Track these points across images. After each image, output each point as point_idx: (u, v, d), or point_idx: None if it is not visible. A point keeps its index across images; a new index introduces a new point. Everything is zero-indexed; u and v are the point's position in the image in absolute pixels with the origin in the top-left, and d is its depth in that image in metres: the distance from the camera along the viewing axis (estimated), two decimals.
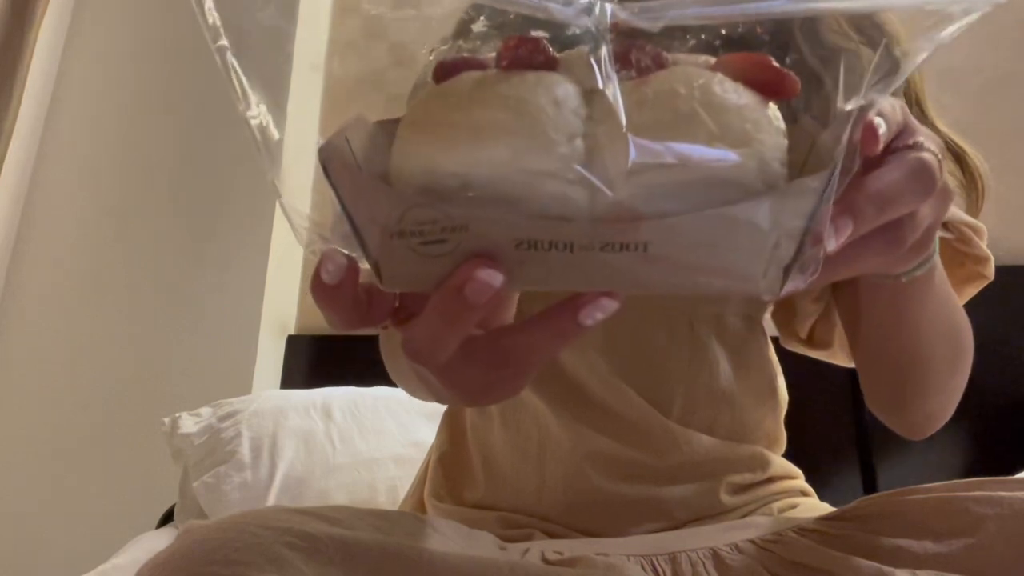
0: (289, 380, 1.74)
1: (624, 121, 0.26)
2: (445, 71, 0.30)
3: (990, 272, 0.65)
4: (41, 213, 1.86)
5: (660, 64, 0.28)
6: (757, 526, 0.60)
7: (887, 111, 0.32)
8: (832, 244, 0.29)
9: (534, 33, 0.28)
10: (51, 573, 1.52)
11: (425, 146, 0.27)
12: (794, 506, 0.68)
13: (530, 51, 0.28)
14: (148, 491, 1.47)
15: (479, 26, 0.31)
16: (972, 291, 0.67)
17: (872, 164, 0.32)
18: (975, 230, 0.63)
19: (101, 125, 1.91)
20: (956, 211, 0.63)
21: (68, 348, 1.73)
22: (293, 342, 1.80)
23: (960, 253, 0.64)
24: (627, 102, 0.26)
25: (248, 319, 1.68)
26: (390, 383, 1.53)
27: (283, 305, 1.81)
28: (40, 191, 1.87)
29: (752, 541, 0.57)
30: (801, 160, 0.29)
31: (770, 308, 0.74)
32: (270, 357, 1.73)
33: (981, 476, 0.53)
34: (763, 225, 0.26)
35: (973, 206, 0.65)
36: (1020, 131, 1.77)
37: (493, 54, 0.29)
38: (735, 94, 0.27)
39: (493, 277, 0.27)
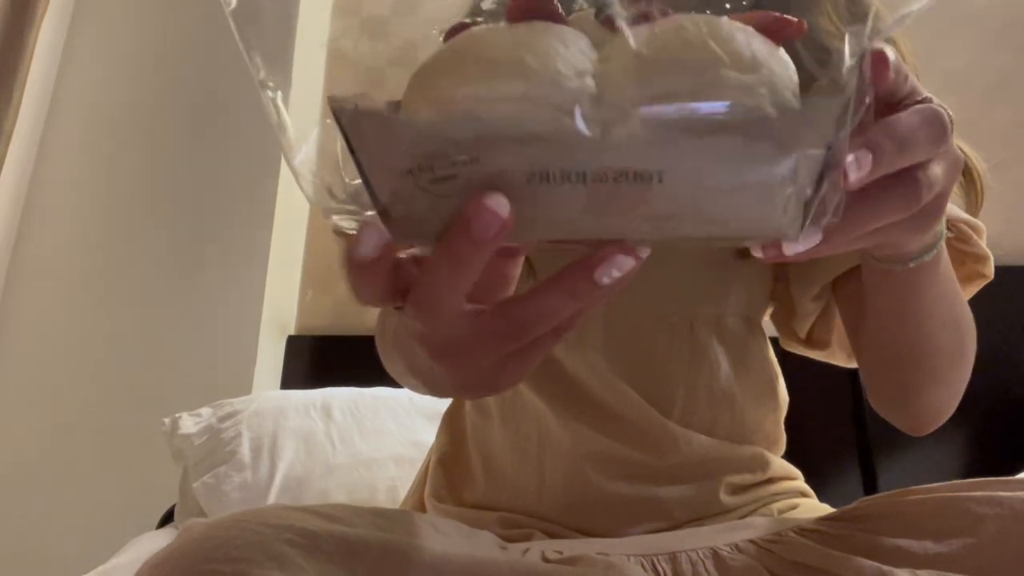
0: (289, 380, 1.74)
1: (634, 48, 0.26)
2: (454, 33, 0.29)
3: (990, 271, 0.65)
4: (41, 213, 1.86)
5: (666, 16, 0.28)
6: (757, 526, 0.60)
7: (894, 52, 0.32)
8: (854, 175, 0.28)
9: None
10: (51, 573, 1.52)
11: (435, 86, 0.27)
12: (794, 507, 0.68)
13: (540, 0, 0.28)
14: (148, 491, 1.47)
15: (488, 3, 0.30)
16: (972, 290, 0.67)
17: (884, 114, 0.32)
18: (975, 228, 0.64)
19: (101, 125, 1.91)
20: (956, 210, 0.63)
21: (68, 348, 1.73)
22: (293, 342, 1.80)
23: (960, 252, 0.64)
24: (636, 40, 0.26)
25: (248, 319, 1.68)
26: (390, 383, 1.53)
27: (283, 305, 1.81)
28: (40, 191, 1.87)
29: (752, 541, 0.57)
30: None
31: (770, 309, 0.74)
32: (270, 357, 1.73)
33: (981, 476, 0.53)
34: (780, 149, 0.25)
35: (972, 206, 0.65)
36: (1020, 132, 1.77)
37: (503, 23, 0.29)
38: (742, 30, 0.27)
39: (500, 205, 0.26)
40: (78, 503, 1.61)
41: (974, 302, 0.67)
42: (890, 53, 0.31)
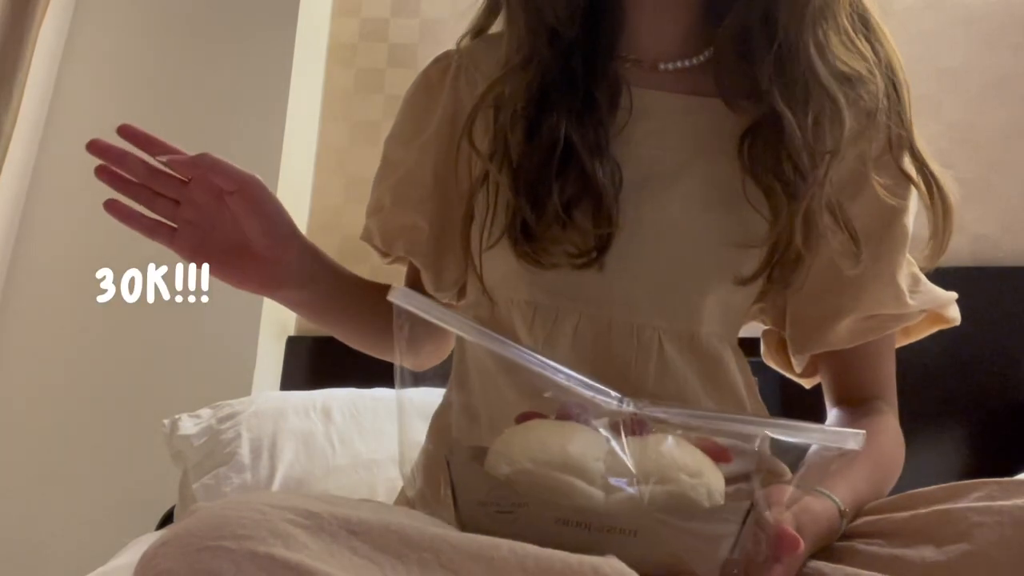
0: (289, 381, 1.74)
1: (629, 461, 0.44)
2: (524, 419, 0.49)
3: (957, 322, 0.75)
4: (41, 213, 1.86)
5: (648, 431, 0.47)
6: None
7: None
8: None
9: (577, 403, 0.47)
10: (51, 574, 1.52)
11: (510, 454, 0.45)
12: None
13: (576, 414, 0.46)
14: (148, 493, 1.47)
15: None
16: (936, 329, 0.76)
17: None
18: (947, 303, 0.74)
19: (101, 126, 1.90)
20: (935, 297, 0.72)
21: (68, 349, 1.73)
22: (293, 343, 1.80)
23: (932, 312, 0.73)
24: (632, 447, 0.44)
25: (248, 320, 1.68)
26: (390, 384, 1.52)
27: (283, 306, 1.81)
28: (40, 191, 1.87)
29: None
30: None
31: (740, 330, 0.76)
32: (270, 358, 1.73)
33: (981, 477, 0.53)
34: (708, 524, 0.42)
35: (939, 231, 0.69)
36: (1019, 132, 1.77)
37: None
38: (693, 452, 0.44)
39: None
40: (78, 504, 1.61)
41: (974, 303, 0.69)
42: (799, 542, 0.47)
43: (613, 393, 0.46)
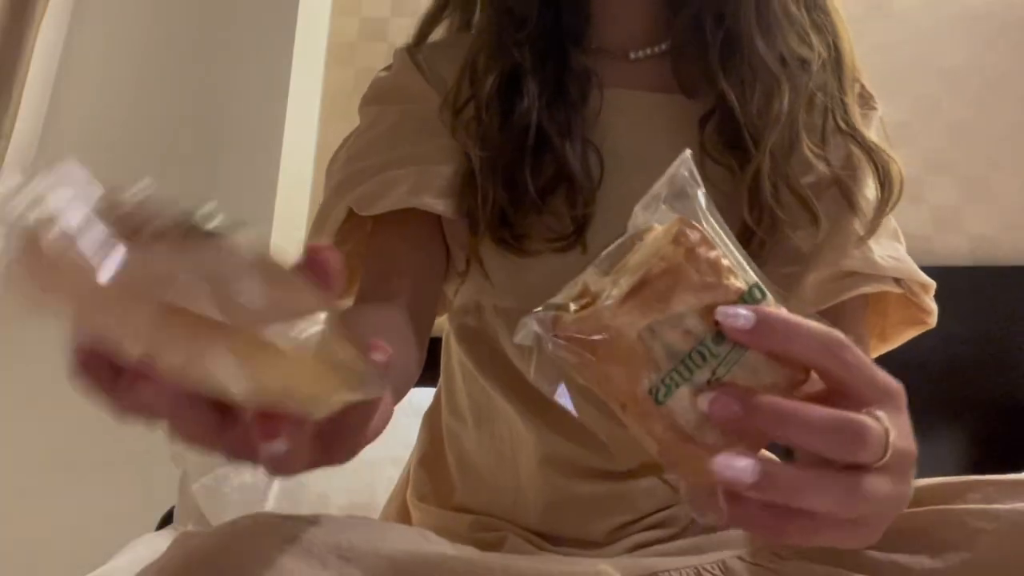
0: None
1: None
2: None
3: (933, 322, 0.69)
4: None
5: None
6: (746, 541, 0.59)
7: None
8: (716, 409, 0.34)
9: None
10: (51, 573, 1.52)
11: None
12: None
13: None
14: (148, 493, 1.47)
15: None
16: (914, 333, 0.72)
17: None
18: (925, 287, 0.68)
19: (101, 125, 1.91)
20: (912, 270, 0.67)
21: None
22: None
23: (909, 302, 0.68)
24: None
25: None
26: None
27: None
28: None
29: (741, 558, 0.55)
30: None
31: None
32: None
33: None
34: None
35: (883, 205, 0.67)
36: (1019, 132, 1.76)
37: None
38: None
39: None
40: (78, 503, 1.61)
41: (974, 303, 0.68)
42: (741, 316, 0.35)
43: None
